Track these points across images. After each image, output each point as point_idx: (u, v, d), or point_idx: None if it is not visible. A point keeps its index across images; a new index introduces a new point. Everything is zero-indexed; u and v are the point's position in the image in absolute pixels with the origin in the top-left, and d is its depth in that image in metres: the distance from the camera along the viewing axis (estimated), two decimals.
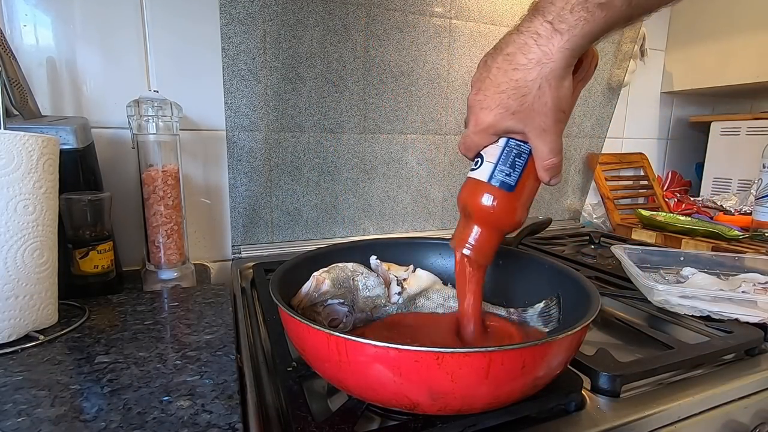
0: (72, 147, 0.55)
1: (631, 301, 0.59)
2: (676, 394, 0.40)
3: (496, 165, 0.38)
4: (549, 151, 0.35)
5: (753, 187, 1.01)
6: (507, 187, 0.38)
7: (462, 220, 0.42)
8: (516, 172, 0.38)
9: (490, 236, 0.41)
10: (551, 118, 0.34)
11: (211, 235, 0.79)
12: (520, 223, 0.40)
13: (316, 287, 0.45)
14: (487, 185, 0.38)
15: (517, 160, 0.38)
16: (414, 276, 0.51)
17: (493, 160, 0.38)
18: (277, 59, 0.75)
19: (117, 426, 0.32)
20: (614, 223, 1.12)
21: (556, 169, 0.37)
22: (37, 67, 0.63)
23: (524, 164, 0.38)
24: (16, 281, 0.43)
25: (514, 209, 0.39)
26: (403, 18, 0.82)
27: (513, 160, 0.38)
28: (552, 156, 0.36)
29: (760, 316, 0.51)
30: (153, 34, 0.69)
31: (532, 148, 0.37)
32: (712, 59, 1.12)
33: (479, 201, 0.39)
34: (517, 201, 0.39)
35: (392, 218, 0.92)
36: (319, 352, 0.33)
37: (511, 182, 0.38)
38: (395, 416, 0.36)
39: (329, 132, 0.82)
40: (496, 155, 0.38)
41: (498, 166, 0.38)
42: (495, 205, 0.38)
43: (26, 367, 0.40)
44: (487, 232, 0.40)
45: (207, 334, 0.47)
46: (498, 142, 0.38)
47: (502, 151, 0.38)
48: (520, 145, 0.37)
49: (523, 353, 0.30)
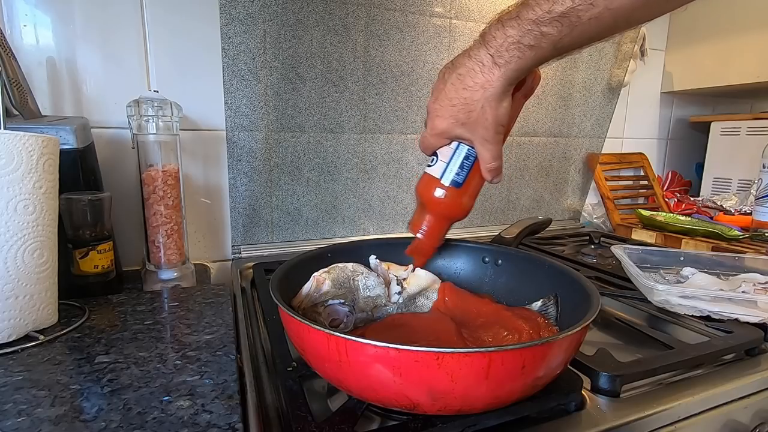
0: (72, 147, 0.55)
1: (631, 301, 0.59)
2: (676, 394, 0.40)
3: (448, 164, 0.45)
4: (491, 156, 0.42)
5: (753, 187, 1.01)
6: (455, 184, 0.45)
7: (418, 208, 0.50)
8: (464, 172, 0.45)
9: (439, 223, 0.49)
10: (492, 131, 0.41)
11: (211, 235, 0.79)
12: (466, 213, 0.48)
13: (317, 288, 0.45)
14: (439, 181, 0.46)
15: (465, 161, 0.45)
16: (414, 276, 0.51)
17: (445, 160, 0.45)
18: (277, 59, 0.75)
19: (117, 426, 0.32)
20: (614, 223, 1.13)
21: (497, 171, 0.44)
22: (37, 67, 0.63)
23: (471, 165, 0.45)
24: (16, 281, 0.43)
25: (461, 202, 0.47)
26: (403, 18, 0.82)
27: (462, 161, 0.45)
28: (493, 161, 0.43)
29: (760, 316, 0.51)
30: (153, 34, 0.69)
31: (477, 153, 0.43)
32: (712, 59, 1.12)
33: (432, 194, 0.46)
34: (464, 195, 0.46)
35: (392, 218, 0.92)
36: (320, 352, 0.33)
37: (459, 180, 0.45)
38: (395, 416, 0.36)
39: (329, 132, 0.82)
40: (449, 156, 0.45)
41: (449, 165, 0.45)
42: (445, 198, 0.46)
43: (26, 367, 0.40)
44: (438, 219, 0.49)
45: (207, 334, 0.47)
46: (450, 145, 0.45)
47: (453, 153, 0.45)
48: (469, 150, 0.44)
49: (523, 353, 0.30)
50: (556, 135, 1.06)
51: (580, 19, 0.33)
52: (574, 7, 0.32)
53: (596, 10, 0.32)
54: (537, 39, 0.35)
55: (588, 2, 0.32)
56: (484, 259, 0.55)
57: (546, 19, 0.34)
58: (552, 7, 0.33)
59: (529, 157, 1.03)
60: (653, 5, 0.33)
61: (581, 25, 0.33)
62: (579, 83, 1.04)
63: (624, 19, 0.33)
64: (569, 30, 0.34)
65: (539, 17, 0.34)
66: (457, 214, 0.48)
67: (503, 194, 1.03)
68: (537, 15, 0.34)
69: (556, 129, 1.05)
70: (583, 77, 1.04)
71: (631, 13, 0.33)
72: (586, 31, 0.34)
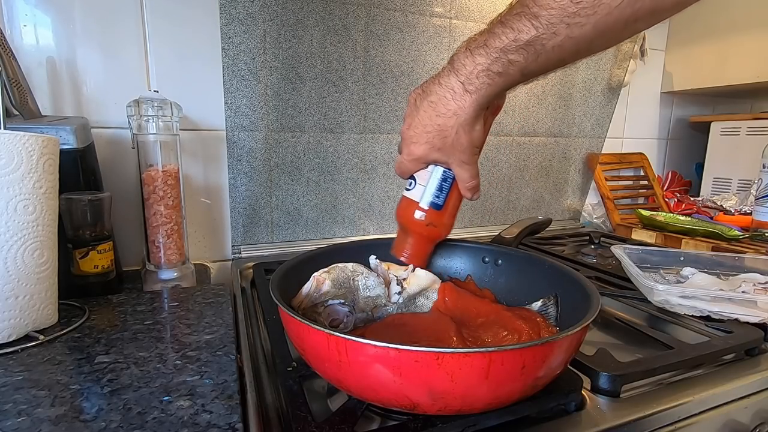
0: (72, 147, 0.55)
1: (631, 301, 0.59)
2: (676, 394, 0.40)
3: (426, 187, 0.46)
4: (469, 176, 0.45)
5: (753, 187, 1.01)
6: (435, 206, 0.47)
7: (400, 232, 0.51)
8: (443, 194, 0.46)
9: (423, 245, 0.50)
10: (468, 153, 0.43)
11: (211, 235, 0.79)
12: (448, 232, 0.49)
13: (317, 288, 0.45)
14: (419, 204, 0.47)
15: (443, 183, 0.46)
16: (414, 275, 0.51)
17: (424, 183, 0.46)
18: (277, 59, 0.75)
19: (117, 426, 0.32)
20: (614, 223, 1.13)
21: (476, 188, 0.46)
22: (37, 67, 0.63)
23: (449, 186, 0.46)
24: (16, 281, 0.43)
25: (442, 222, 0.48)
26: (403, 18, 0.82)
27: (440, 183, 0.46)
28: (471, 179, 0.45)
29: (760, 316, 0.51)
30: (153, 33, 0.69)
31: (455, 174, 0.45)
32: (712, 59, 1.12)
33: (413, 217, 0.47)
34: (444, 215, 0.47)
35: (392, 218, 0.91)
36: (319, 352, 0.33)
37: (439, 202, 0.46)
38: (395, 416, 0.36)
39: (329, 132, 0.82)
40: (426, 179, 0.46)
41: (427, 188, 0.46)
42: (426, 220, 0.47)
43: (26, 367, 0.40)
44: (420, 241, 0.49)
45: (207, 334, 0.47)
46: (427, 168, 0.46)
47: (430, 176, 0.46)
48: (446, 172, 0.46)
49: (523, 353, 0.30)
50: (556, 135, 1.06)
51: (545, 47, 0.35)
52: (538, 36, 0.34)
53: (559, 38, 0.34)
54: (505, 66, 0.37)
55: (551, 31, 0.34)
56: (484, 259, 0.55)
57: (512, 47, 0.35)
58: (518, 36, 0.35)
59: (529, 157, 1.03)
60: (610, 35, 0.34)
61: (545, 52, 0.35)
62: (579, 83, 1.04)
63: (585, 47, 0.35)
64: (535, 57, 0.36)
65: (506, 45, 0.36)
66: (439, 234, 0.49)
67: (503, 194, 1.03)
68: (503, 43, 0.36)
69: (556, 129, 1.05)
70: (583, 77, 1.04)
71: (590, 42, 0.35)
72: (550, 58, 0.36)
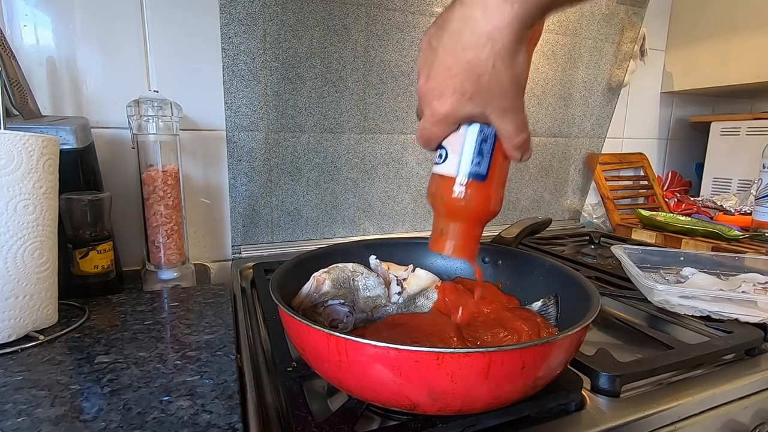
0: (72, 147, 0.55)
1: (631, 301, 0.59)
2: (676, 394, 0.40)
3: (462, 155, 0.36)
4: (516, 129, 0.33)
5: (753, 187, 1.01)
6: (479, 177, 0.36)
7: (437, 220, 0.40)
8: (485, 159, 0.36)
9: (470, 229, 0.39)
10: (511, 96, 0.32)
11: (211, 235, 0.79)
12: (498, 209, 0.38)
13: (317, 288, 0.45)
14: (457, 179, 0.36)
15: (483, 146, 0.35)
16: (414, 276, 0.51)
17: (457, 151, 0.36)
18: (277, 59, 0.75)
19: (117, 426, 0.32)
20: (614, 223, 1.12)
21: (526, 145, 0.35)
22: (37, 67, 0.63)
23: (491, 148, 0.36)
24: (16, 281, 0.43)
25: (489, 197, 0.37)
26: (403, 18, 0.82)
27: (479, 147, 0.35)
28: (519, 133, 0.34)
29: (760, 316, 0.51)
30: (153, 33, 0.69)
31: (497, 129, 0.34)
32: (712, 59, 1.12)
33: (452, 197, 0.37)
34: (491, 187, 0.37)
35: (392, 218, 0.92)
36: (319, 352, 0.33)
37: (482, 171, 0.36)
38: (395, 416, 0.36)
39: (329, 132, 0.82)
40: (460, 144, 0.36)
41: (464, 156, 0.36)
42: (470, 198, 0.36)
43: (26, 367, 0.40)
44: (467, 226, 0.38)
45: (207, 334, 0.47)
46: (459, 131, 0.35)
47: (464, 140, 0.35)
48: (484, 129, 0.35)
49: (523, 353, 0.30)
50: (556, 135, 1.06)
51: None
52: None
53: None
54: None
55: None
56: (484, 259, 0.55)
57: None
58: None
59: None
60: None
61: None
62: (579, 83, 1.04)
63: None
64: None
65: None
66: (489, 211, 0.38)
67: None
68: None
69: (556, 129, 1.05)
70: (583, 77, 1.04)
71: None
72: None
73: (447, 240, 0.39)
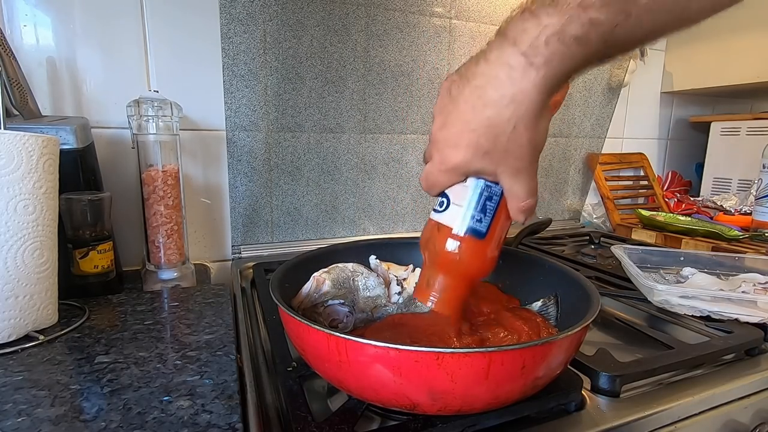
0: (72, 147, 0.55)
1: (631, 301, 0.59)
2: (676, 394, 0.40)
3: (467, 209, 0.35)
4: (526, 192, 0.33)
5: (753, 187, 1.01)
6: (478, 234, 0.35)
7: (426, 269, 0.39)
8: (487, 217, 0.35)
9: (457, 287, 0.38)
10: (527, 159, 0.32)
11: (211, 235, 0.79)
12: (488, 271, 0.38)
13: (317, 288, 0.45)
14: (453, 232, 0.36)
15: (487, 203, 0.35)
16: (414, 276, 0.51)
17: (461, 203, 0.35)
18: (277, 59, 0.75)
19: (117, 426, 0.32)
20: (614, 223, 1.12)
21: (532, 210, 0.34)
22: (37, 67, 0.63)
23: (495, 207, 0.35)
24: (16, 281, 0.43)
25: (484, 256, 0.36)
26: (403, 18, 0.82)
27: (483, 203, 0.35)
28: (528, 197, 0.33)
29: (760, 316, 0.51)
30: (153, 33, 0.69)
31: (505, 190, 0.34)
32: (712, 59, 1.12)
33: (446, 249, 0.36)
34: (488, 247, 0.36)
35: (392, 218, 0.92)
36: (319, 352, 0.33)
37: (482, 229, 0.35)
38: (395, 416, 0.36)
39: (329, 132, 0.82)
40: (466, 198, 0.35)
41: (468, 210, 0.35)
42: (464, 253, 0.36)
43: (26, 367, 0.40)
44: (455, 282, 0.38)
45: (207, 334, 0.47)
46: (466, 183, 0.35)
47: (471, 193, 0.35)
48: (491, 187, 0.34)
49: (523, 353, 0.30)
50: (556, 135, 1.06)
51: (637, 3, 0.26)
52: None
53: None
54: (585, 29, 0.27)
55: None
56: None
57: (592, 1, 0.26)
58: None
59: None
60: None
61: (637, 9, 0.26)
62: (579, 83, 1.04)
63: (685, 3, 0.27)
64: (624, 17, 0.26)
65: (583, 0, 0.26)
66: (481, 271, 0.37)
67: None
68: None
69: (556, 129, 1.05)
70: (583, 77, 1.04)
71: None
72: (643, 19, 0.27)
73: (431, 292, 0.38)
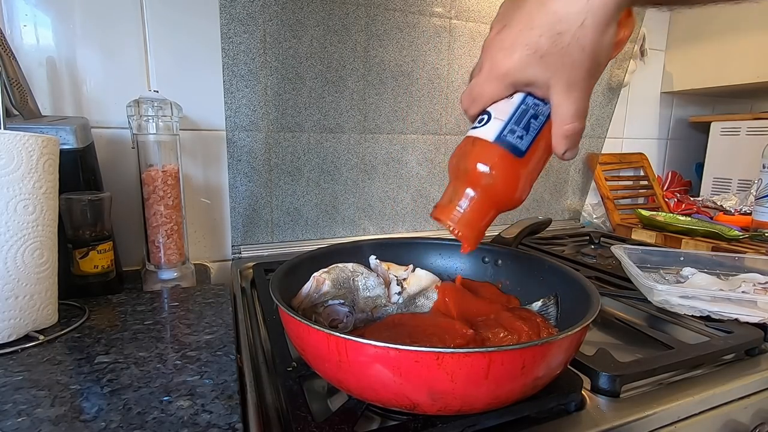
0: (72, 147, 0.55)
1: (631, 301, 0.59)
2: (676, 394, 0.40)
3: (508, 123, 0.32)
4: (573, 112, 0.30)
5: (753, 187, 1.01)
6: (516, 151, 0.32)
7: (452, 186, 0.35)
8: (529, 135, 0.32)
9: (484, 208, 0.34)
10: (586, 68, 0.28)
11: (211, 235, 0.79)
12: (521, 199, 0.34)
13: (317, 288, 0.45)
14: (493, 145, 0.32)
15: (532, 121, 0.31)
16: (414, 276, 0.51)
17: (503, 117, 0.32)
18: (277, 59, 0.75)
19: (117, 426, 0.32)
20: (614, 223, 1.12)
21: (576, 138, 0.31)
22: (37, 67, 0.63)
23: (540, 128, 0.32)
24: (16, 281, 0.43)
25: (518, 179, 0.33)
26: (403, 18, 0.82)
27: (528, 120, 0.31)
28: (575, 120, 0.30)
29: (760, 316, 0.51)
30: (153, 33, 0.69)
31: (552, 107, 0.31)
32: (712, 59, 1.12)
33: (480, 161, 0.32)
34: (523, 169, 0.33)
35: (392, 218, 0.92)
36: (319, 352, 0.33)
37: (522, 146, 0.32)
38: (395, 416, 0.36)
39: (329, 132, 0.82)
40: (508, 112, 0.32)
41: (509, 124, 0.32)
42: (498, 169, 0.32)
43: (26, 367, 0.40)
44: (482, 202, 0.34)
45: (207, 334, 0.47)
46: (512, 98, 0.32)
47: (515, 109, 0.32)
48: (538, 105, 0.31)
49: (523, 353, 0.30)
50: None
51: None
52: None
53: None
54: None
55: None
56: (484, 259, 0.56)
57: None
58: None
59: None
60: None
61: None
62: None
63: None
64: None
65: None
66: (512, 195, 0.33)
67: None
68: None
69: None
70: None
71: None
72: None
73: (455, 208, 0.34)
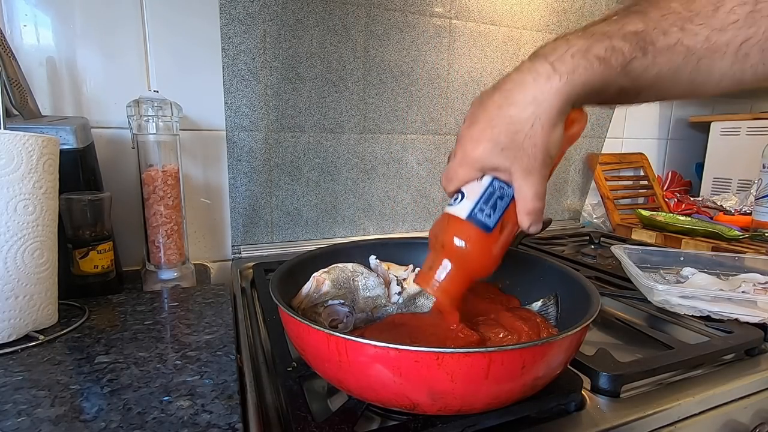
0: (72, 147, 0.55)
1: (631, 301, 0.59)
2: (676, 394, 0.40)
3: (477, 203, 0.37)
4: (533, 194, 0.35)
5: (753, 187, 1.01)
6: (484, 228, 0.37)
7: (431, 256, 0.40)
8: (496, 214, 0.37)
9: (458, 276, 0.39)
10: (539, 159, 0.34)
11: (211, 235, 0.79)
12: (490, 269, 0.39)
13: (317, 288, 0.46)
14: (465, 222, 0.37)
15: (498, 201, 0.37)
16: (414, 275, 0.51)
17: (473, 198, 0.37)
18: (277, 59, 0.75)
19: (117, 426, 0.32)
20: (614, 223, 1.12)
21: (538, 215, 0.36)
22: (37, 67, 0.63)
23: (505, 207, 0.37)
24: (16, 281, 0.43)
25: (488, 252, 0.38)
26: (403, 18, 0.82)
27: (495, 201, 0.37)
28: (535, 200, 0.35)
29: (760, 316, 0.51)
30: (153, 33, 0.69)
31: (515, 190, 0.36)
32: None
33: (453, 236, 0.38)
34: (492, 244, 0.38)
35: (392, 218, 0.92)
36: (319, 352, 0.33)
37: (490, 223, 0.37)
38: (395, 416, 0.36)
39: (329, 132, 0.82)
40: (478, 193, 0.37)
41: (479, 204, 0.37)
42: (469, 243, 0.37)
43: (26, 367, 0.40)
44: (457, 272, 0.39)
45: (207, 334, 0.47)
46: (481, 181, 0.37)
47: (484, 191, 0.37)
48: (504, 188, 0.37)
49: (523, 353, 0.30)
50: None
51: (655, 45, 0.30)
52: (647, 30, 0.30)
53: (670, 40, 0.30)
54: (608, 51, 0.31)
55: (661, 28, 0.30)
56: None
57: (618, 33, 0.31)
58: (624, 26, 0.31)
59: None
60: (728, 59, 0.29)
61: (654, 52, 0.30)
62: None
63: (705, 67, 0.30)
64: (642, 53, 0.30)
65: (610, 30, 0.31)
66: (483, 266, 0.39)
67: None
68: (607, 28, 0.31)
69: None
70: None
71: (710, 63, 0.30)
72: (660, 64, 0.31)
73: (434, 276, 0.39)
